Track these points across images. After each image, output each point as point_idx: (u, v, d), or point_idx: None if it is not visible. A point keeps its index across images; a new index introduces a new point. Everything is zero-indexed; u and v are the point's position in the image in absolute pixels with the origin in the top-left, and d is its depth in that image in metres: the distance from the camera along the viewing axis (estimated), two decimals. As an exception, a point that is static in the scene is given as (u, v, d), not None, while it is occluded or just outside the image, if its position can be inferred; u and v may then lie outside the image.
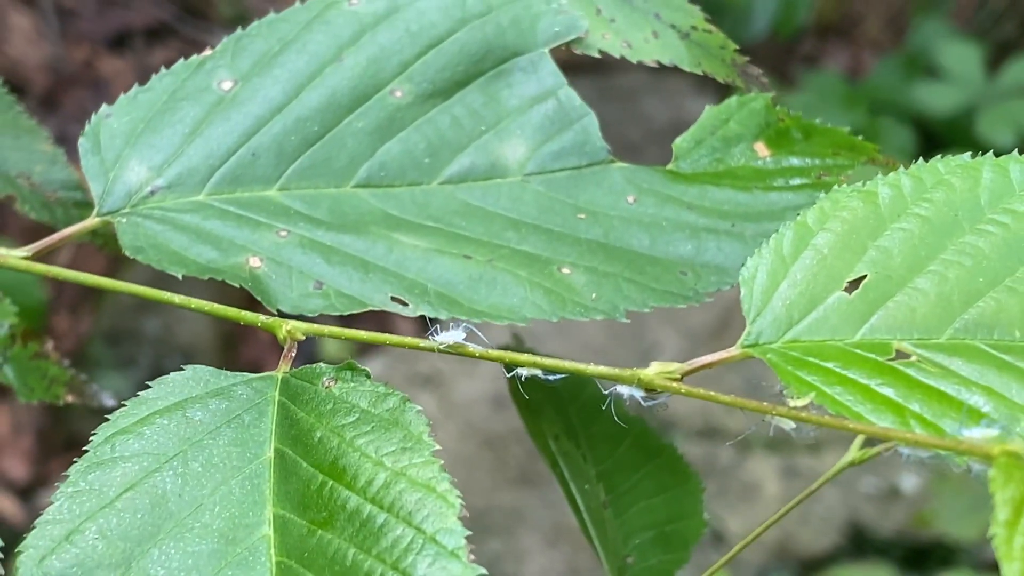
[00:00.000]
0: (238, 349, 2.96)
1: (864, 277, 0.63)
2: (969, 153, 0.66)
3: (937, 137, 3.00)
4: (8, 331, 0.89)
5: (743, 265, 0.64)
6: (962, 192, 0.64)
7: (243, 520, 0.59)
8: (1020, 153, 0.66)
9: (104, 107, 0.77)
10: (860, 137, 0.83)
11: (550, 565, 2.58)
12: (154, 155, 0.77)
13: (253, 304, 0.73)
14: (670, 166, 0.82)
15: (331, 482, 0.60)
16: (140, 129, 0.77)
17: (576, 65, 0.85)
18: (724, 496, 2.62)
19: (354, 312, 0.73)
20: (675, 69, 0.84)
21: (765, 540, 2.55)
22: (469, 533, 0.57)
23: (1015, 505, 0.49)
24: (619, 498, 0.85)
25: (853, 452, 0.72)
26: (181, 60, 0.79)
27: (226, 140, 0.78)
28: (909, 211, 0.64)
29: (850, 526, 2.61)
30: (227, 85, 0.79)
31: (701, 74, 0.85)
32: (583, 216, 0.79)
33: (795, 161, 0.82)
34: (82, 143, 0.76)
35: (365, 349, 2.81)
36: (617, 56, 0.84)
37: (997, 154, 0.66)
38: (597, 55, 0.83)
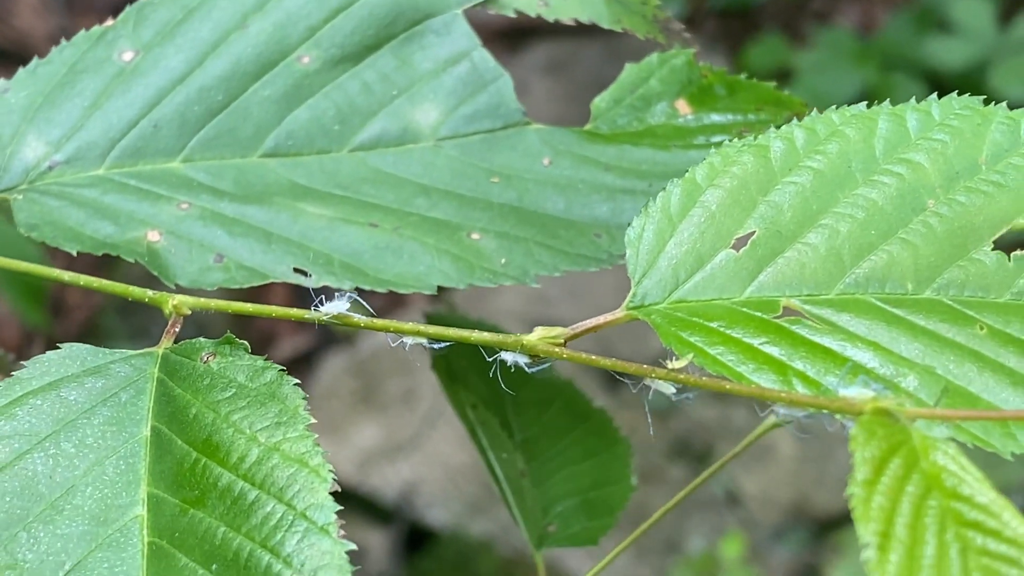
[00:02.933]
0: (251, 319, 2.95)
1: (753, 233, 0.61)
2: (865, 103, 0.64)
3: (949, 92, 2.96)
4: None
5: (629, 225, 0.62)
6: (856, 143, 0.62)
7: (116, 501, 0.58)
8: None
9: (1, 81, 0.76)
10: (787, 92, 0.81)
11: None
12: (52, 129, 0.75)
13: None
14: (588, 126, 0.80)
15: (204, 459, 0.58)
16: (39, 103, 0.76)
17: (586, 26, 0.83)
18: (739, 457, 2.61)
19: (254, 284, 0.72)
20: (687, 28, 0.82)
21: (781, 500, 2.53)
22: (340, 508, 0.56)
23: (875, 464, 0.47)
24: (543, 465, 0.84)
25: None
26: (83, 31, 0.78)
27: (127, 112, 0.76)
28: (801, 164, 0.62)
29: (867, 485, 2.59)
30: (128, 56, 0.77)
31: (620, 31, 0.83)
32: (497, 180, 0.77)
33: (717, 118, 0.80)
34: (-23, 120, 0.75)
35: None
36: (533, 15, 0.82)
37: (1010, 108, 0.64)
38: (512, 15, 0.81)
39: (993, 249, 0.60)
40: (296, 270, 0.72)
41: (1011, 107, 0.64)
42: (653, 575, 2.56)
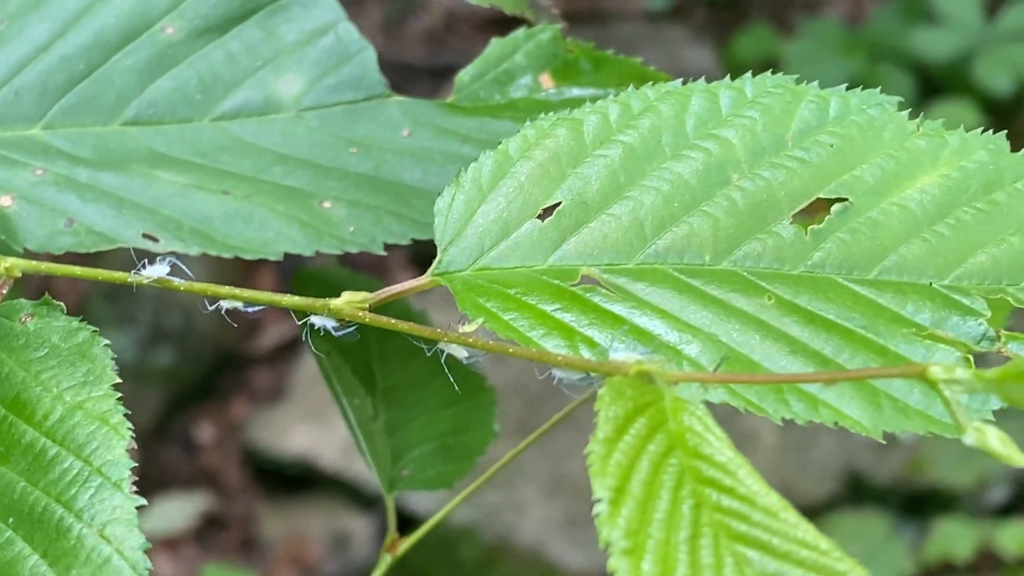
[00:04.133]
0: (233, 310, 2.97)
1: (559, 204, 0.63)
2: (681, 80, 0.66)
3: (936, 83, 2.97)
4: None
5: (439, 195, 0.63)
6: (668, 119, 0.64)
7: (-75, 457, 0.60)
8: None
9: None
10: (653, 69, 0.83)
11: (549, 515, 2.58)
12: (-85, 98, 0.77)
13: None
14: (450, 99, 0.82)
15: (12, 416, 0.60)
16: (-98, 72, 0.77)
17: (574, 15, 0.84)
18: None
19: (103, 249, 0.73)
20: (672, 19, 0.84)
21: (763, 488, 2.53)
22: (135, 465, 0.58)
23: (618, 423, 0.49)
24: (403, 411, 0.86)
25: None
26: (-50, 2, 0.79)
27: (-12, 80, 0.78)
28: (613, 138, 0.64)
29: (847, 474, 2.60)
30: (-7, 26, 0.79)
31: (487, 7, 0.84)
32: (355, 150, 0.79)
33: (578, 92, 0.81)
34: None
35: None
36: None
37: (993, 100, 0.65)
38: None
39: (792, 223, 0.62)
40: (145, 235, 0.73)
41: (995, 99, 0.65)
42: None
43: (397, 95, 0.81)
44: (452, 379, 0.82)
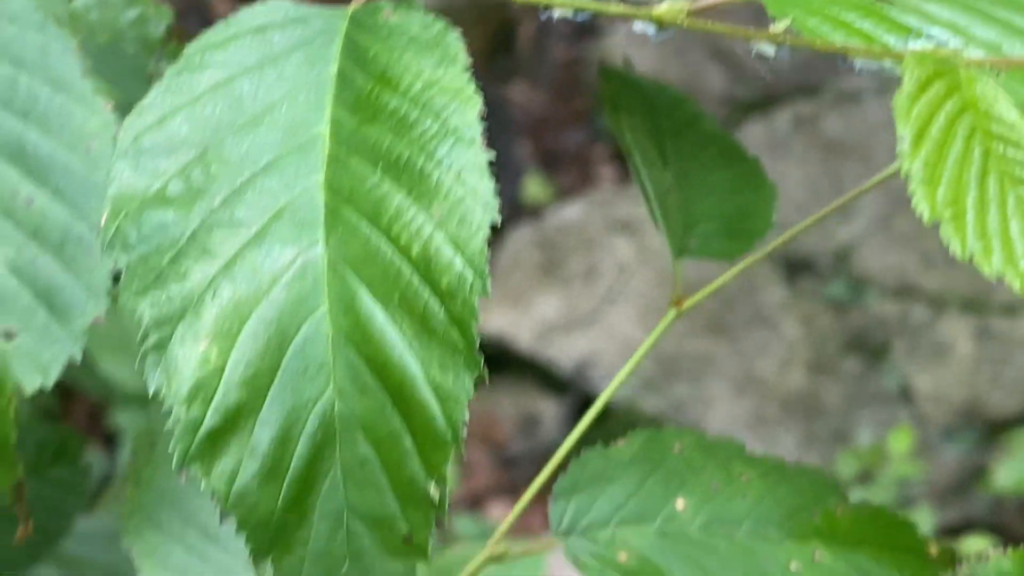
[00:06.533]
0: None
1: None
2: None
3: None
4: (165, 31, 1.01)
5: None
6: None
7: (306, 118, 0.71)
8: None
9: None
10: None
11: (736, 413, 2.63)
12: None
13: None
14: None
15: (379, 88, 0.71)
16: None
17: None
18: (914, 355, 2.64)
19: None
20: None
21: (953, 399, 2.54)
22: (485, 125, 0.68)
23: (919, 83, 0.57)
24: (692, 191, 0.93)
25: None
26: None
27: None
28: None
29: (1040, 390, 2.61)
30: None
31: None
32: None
33: None
34: None
35: (565, 195, 2.89)
36: None
37: None
38: None
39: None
40: None
41: None
42: (820, 462, 2.61)
43: None
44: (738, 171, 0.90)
